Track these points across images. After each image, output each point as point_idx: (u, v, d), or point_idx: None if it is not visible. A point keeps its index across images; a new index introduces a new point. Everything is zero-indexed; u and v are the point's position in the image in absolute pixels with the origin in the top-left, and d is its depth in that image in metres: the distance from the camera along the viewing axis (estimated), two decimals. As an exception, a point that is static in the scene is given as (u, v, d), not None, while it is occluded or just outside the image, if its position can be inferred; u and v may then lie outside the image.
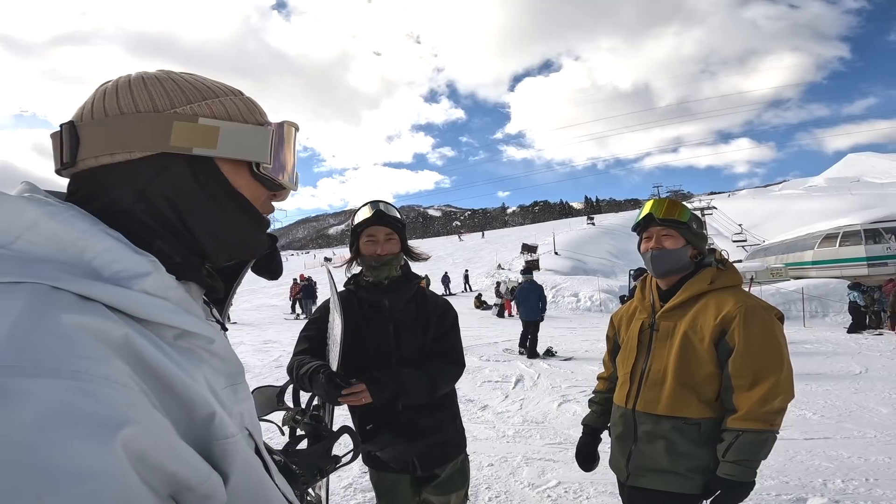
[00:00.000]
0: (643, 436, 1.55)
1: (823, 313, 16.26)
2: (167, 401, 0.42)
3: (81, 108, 0.55)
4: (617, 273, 28.78)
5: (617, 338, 1.79)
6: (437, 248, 57.14)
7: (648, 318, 1.63)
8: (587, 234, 48.07)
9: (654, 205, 1.61)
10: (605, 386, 1.87)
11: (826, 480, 3.14)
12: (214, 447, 0.44)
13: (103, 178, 0.53)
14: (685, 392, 1.49)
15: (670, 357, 1.52)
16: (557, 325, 12.91)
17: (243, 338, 10.66)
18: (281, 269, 0.91)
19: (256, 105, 0.61)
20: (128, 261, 0.46)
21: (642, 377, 1.58)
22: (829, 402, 4.98)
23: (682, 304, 1.55)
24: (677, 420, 1.49)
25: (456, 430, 1.79)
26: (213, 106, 0.56)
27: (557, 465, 3.51)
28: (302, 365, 1.59)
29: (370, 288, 1.73)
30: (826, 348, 8.56)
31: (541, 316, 8.91)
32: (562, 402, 5.32)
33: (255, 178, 0.59)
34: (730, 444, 1.40)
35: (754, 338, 1.42)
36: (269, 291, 27.97)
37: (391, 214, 1.70)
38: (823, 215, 31.01)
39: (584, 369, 7.11)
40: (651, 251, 1.59)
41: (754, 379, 1.41)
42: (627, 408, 1.61)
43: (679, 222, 1.57)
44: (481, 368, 7.24)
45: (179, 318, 0.48)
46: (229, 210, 0.57)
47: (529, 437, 4.22)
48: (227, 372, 0.54)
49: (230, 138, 0.56)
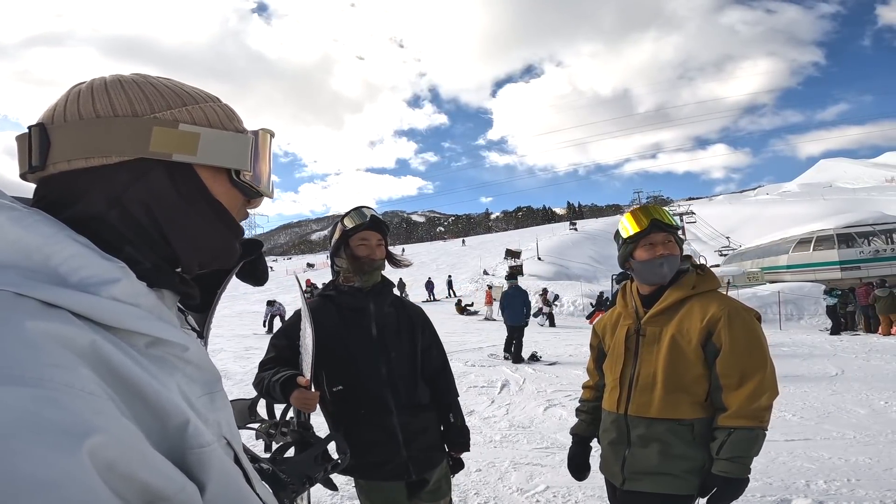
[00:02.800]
0: (637, 440, 1.56)
1: (799, 316, 16.67)
2: (138, 409, 0.41)
3: (52, 109, 0.53)
4: (599, 278, 29.12)
5: (602, 345, 1.80)
6: (421, 253, 57.10)
7: (634, 324, 1.65)
8: (570, 239, 48.60)
9: (654, 211, 1.62)
10: (591, 395, 1.87)
11: (809, 481, 3.18)
12: (189, 456, 0.43)
13: (76, 183, 0.51)
14: (676, 394, 1.51)
15: (659, 361, 1.54)
16: (541, 330, 12.98)
17: (224, 344, 10.45)
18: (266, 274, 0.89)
19: (234, 112, 0.61)
20: (95, 267, 0.45)
21: (632, 382, 1.60)
22: (807, 403, 5.07)
23: (667, 309, 1.58)
24: (671, 422, 1.51)
25: (439, 435, 1.80)
26: (194, 112, 0.56)
27: (545, 470, 3.49)
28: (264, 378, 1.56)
29: (353, 293, 1.71)
30: (802, 350, 8.74)
31: (525, 321, 8.93)
32: (548, 406, 5.32)
33: (234, 186, 0.59)
34: (723, 441, 1.43)
35: (739, 338, 1.46)
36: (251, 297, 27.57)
37: (383, 221, 1.73)
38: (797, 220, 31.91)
39: (568, 373, 7.13)
40: (664, 257, 1.58)
41: (741, 377, 1.45)
42: (619, 413, 1.62)
43: (676, 227, 1.64)
44: (467, 374, 7.21)
45: (151, 325, 0.47)
46: (207, 217, 0.57)
47: (516, 441, 4.20)
48: (204, 380, 0.53)
49: (210, 145, 0.55)
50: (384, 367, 1.66)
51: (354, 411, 1.66)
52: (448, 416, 1.81)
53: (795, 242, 23.43)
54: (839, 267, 20.60)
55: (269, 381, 1.52)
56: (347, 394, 1.67)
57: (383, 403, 1.65)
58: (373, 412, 1.65)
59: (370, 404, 1.65)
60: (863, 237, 21.08)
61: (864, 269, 19.51)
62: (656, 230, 1.60)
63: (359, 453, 1.67)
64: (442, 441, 1.79)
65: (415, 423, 1.68)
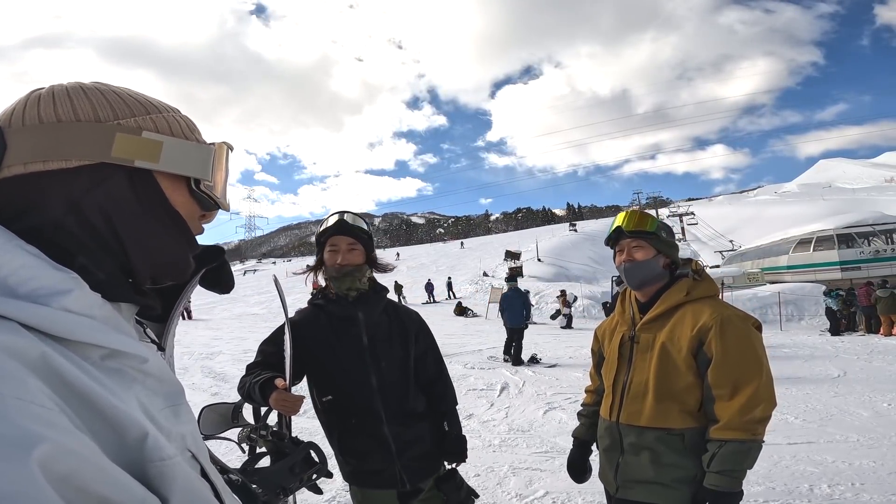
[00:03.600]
0: (629, 448, 1.54)
1: (799, 317, 16.64)
2: (93, 422, 0.40)
3: (9, 113, 0.52)
4: (599, 279, 29.10)
5: (602, 351, 1.78)
6: (421, 255, 57.12)
7: (629, 331, 1.62)
8: (569, 240, 48.65)
9: (622, 218, 1.62)
10: (592, 399, 1.85)
11: (812, 486, 3.14)
12: (150, 469, 0.42)
13: (31, 187, 0.50)
14: (666, 403, 1.48)
15: (650, 369, 1.52)
16: (541, 332, 12.94)
17: (223, 347, 10.41)
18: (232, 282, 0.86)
19: (194, 124, 0.62)
20: (46, 278, 0.44)
21: (624, 389, 1.58)
22: (809, 406, 5.02)
23: (660, 316, 1.55)
24: (660, 431, 1.48)
25: (434, 444, 1.75)
26: (157, 120, 0.56)
27: (545, 475, 3.45)
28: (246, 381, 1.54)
29: (341, 301, 1.67)
30: (804, 352, 8.70)
31: (525, 323, 8.88)
32: (547, 409, 5.28)
33: (192, 196, 0.58)
34: (713, 454, 1.39)
35: (731, 348, 1.42)
36: (251, 300, 27.53)
37: (354, 224, 1.65)
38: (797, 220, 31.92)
39: (568, 375, 7.09)
40: (624, 264, 1.60)
41: (734, 388, 1.40)
42: (612, 420, 1.60)
43: (646, 233, 1.57)
44: (466, 376, 7.17)
45: (106, 336, 0.46)
46: (165, 226, 0.56)
47: (516, 445, 4.15)
48: (166, 392, 0.52)
49: (172, 153, 0.55)
50: (374, 377, 1.63)
51: (345, 421, 1.63)
52: (443, 425, 1.77)
53: (795, 243, 23.43)
54: (839, 267, 20.59)
55: (249, 384, 1.50)
56: (337, 403, 1.64)
57: (374, 413, 1.62)
58: (363, 422, 1.62)
59: (360, 414, 1.62)
60: (863, 237, 21.07)
61: (864, 270, 19.50)
62: (623, 236, 1.60)
63: (353, 461, 1.65)
64: (436, 450, 1.75)
65: (407, 432, 1.65)
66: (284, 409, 1.41)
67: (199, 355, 9.52)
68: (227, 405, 1.45)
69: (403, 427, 1.64)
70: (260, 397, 1.44)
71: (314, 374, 1.66)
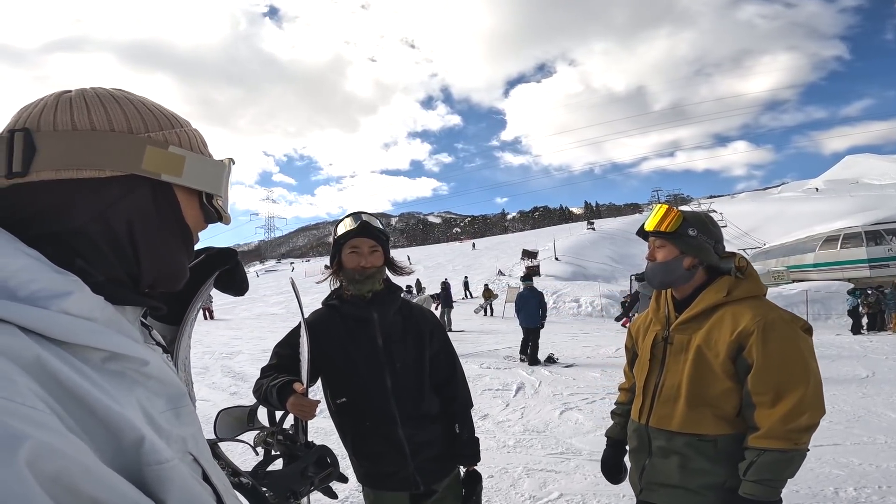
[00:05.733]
0: (657, 451, 1.50)
1: (826, 316, 16.19)
2: (88, 424, 0.40)
3: (36, 115, 0.52)
4: (618, 278, 28.72)
5: (636, 349, 1.73)
6: (437, 254, 57.17)
7: (662, 331, 1.56)
8: (587, 239, 48.11)
9: (651, 215, 1.57)
10: (626, 397, 1.79)
11: (838, 489, 3.06)
12: (147, 473, 0.43)
13: (60, 193, 0.51)
14: (699, 408, 1.42)
15: (684, 372, 1.45)
16: (558, 332, 12.83)
17: (242, 346, 10.57)
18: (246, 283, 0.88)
19: (204, 139, 0.64)
20: (46, 280, 0.45)
21: (655, 392, 1.52)
22: (836, 406, 4.88)
23: (697, 317, 1.47)
24: (691, 437, 1.43)
25: (448, 446, 1.74)
26: (180, 135, 0.58)
27: (559, 477, 3.42)
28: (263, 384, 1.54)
29: (355, 302, 1.66)
30: (831, 352, 8.46)
31: (541, 323, 8.82)
32: (564, 409, 5.23)
33: (201, 209, 0.61)
34: (751, 462, 1.32)
35: (774, 353, 1.33)
36: (270, 300, 27.92)
37: (375, 226, 1.64)
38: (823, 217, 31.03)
39: (585, 375, 7.01)
40: (647, 263, 1.56)
41: (776, 395, 1.32)
42: (641, 423, 1.56)
43: (666, 233, 1.50)
44: (482, 376, 7.15)
45: (106, 339, 0.46)
46: (176, 238, 0.58)
47: (530, 447, 4.12)
48: (168, 394, 0.53)
49: (193, 168, 0.57)
50: (389, 379, 1.62)
51: (359, 423, 1.63)
52: (454, 427, 1.75)
53: (822, 240, 22.80)
54: (868, 265, 19.96)
55: (266, 387, 1.50)
56: (352, 406, 1.63)
57: (388, 415, 1.61)
58: (378, 424, 1.61)
59: (375, 416, 1.61)
60: (892, 234, 20.37)
61: (892, 267, 18.88)
62: (650, 236, 1.56)
63: (366, 463, 1.65)
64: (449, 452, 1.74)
65: (421, 434, 1.64)
66: (302, 413, 1.41)
67: (220, 355, 9.68)
68: (242, 408, 1.46)
69: (418, 429, 1.63)
70: (277, 401, 1.44)
71: (328, 376, 1.66)
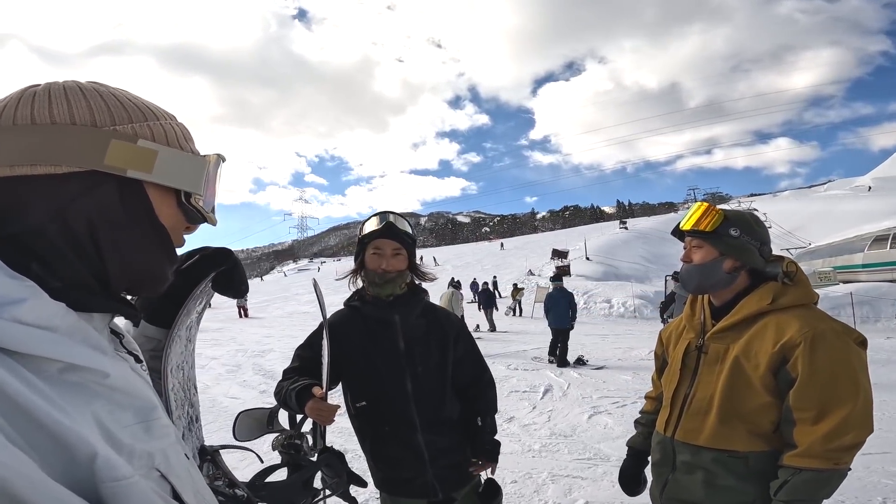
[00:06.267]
0: (681, 465, 1.41)
1: (875, 318, 15.28)
2: (36, 438, 0.39)
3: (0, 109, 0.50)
4: (651, 278, 27.96)
5: (666, 356, 1.63)
6: (467, 254, 57.09)
7: (696, 339, 1.46)
8: (619, 238, 47.09)
9: (689, 212, 1.46)
10: (652, 406, 1.70)
11: (886, 499, 2.91)
12: (102, 490, 0.41)
13: (14, 190, 0.48)
14: (732, 423, 1.32)
15: (718, 384, 1.35)
16: (589, 333, 12.58)
17: (274, 345, 10.78)
18: (244, 285, 0.84)
19: (190, 133, 0.60)
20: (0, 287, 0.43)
21: (684, 404, 1.43)
22: (885, 413, 4.60)
23: (736, 326, 1.36)
24: (720, 453, 1.33)
25: (468, 453, 1.70)
26: (154, 128, 0.54)
27: (585, 483, 3.32)
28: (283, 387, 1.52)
29: (377, 304, 1.62)
30: (880, 356, 7.97)
31: (570, 324, 8.65)
32: (592, 413, 5.10)
33: (180, 208, 0.57)
34: (785, 481, 1.22)
35: (821, 367, 1.21)
36: (302, 298, 28.44)
37: (401, 228, 1.59)
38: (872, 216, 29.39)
39: (616, 378, 6.84)
40: (682, 265, 1.47)
41: (819, 412, 1.21)
42: (666, 435, 1.47)
43: (705, 233, 1.39)
44: (509, 378, 7.06)
45: (62, 350, 0.44)
46: (148, 239, 0.55)
47: (557, 451, 4.03)
48: (136, 407, 0.51)
49: (166, 164, 0.54)
50: (410, 383, 1.58)
51: (378, 427, 1.60)
52: (476, 421, 1.70)
53: (871, 240, 21.54)
54: (922, 266, 18.75)
55: (286, 391, 1.49)
56: (371, 410, 1.60)
57: (408, 420, 1.57)
58: (397, 429, 1.58)
59: (394, 421, 1.58)
60: (948, 233, 19.10)
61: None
62: (687, 235, 1.46)
63: (384, 468, 1.62)
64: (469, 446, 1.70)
65: (441, 440, 1.60)
66: (320, 418, 1.39)
67: (252, 353, 9.91)
68: (263, 410, 1.46)
69: (438, 435, 1.59)
70: (296, 405, 1.43)
71: (349, 379, 1.63)
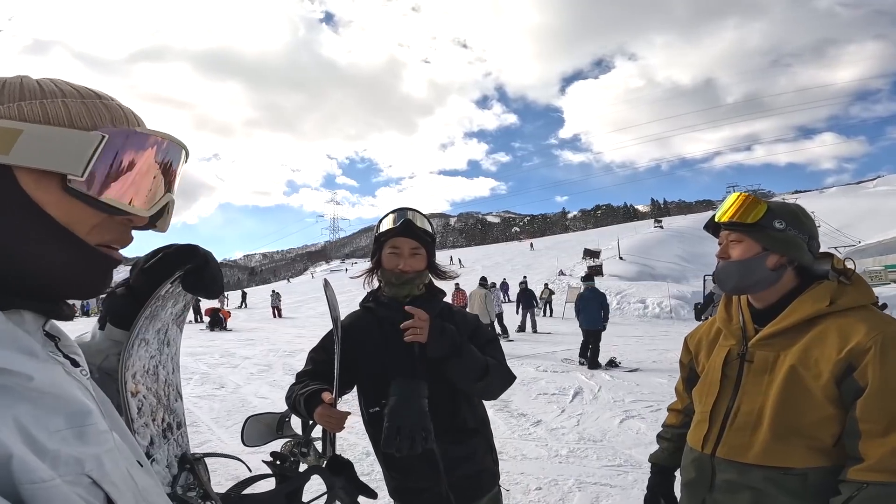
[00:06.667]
0: (722, 485, 1.26)
1: (936, 321, 14.33)
2: None
3: None
4: (689, 278, 27.13)
5: (694, 365, 1.47)
6: (495, 254, 56.84)
7: (738, 346, 1.30)
8: (654, 237, 45.96)
9: (726, 203, 1.31)
10: (678, 420, 1.55)
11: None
12: (22, 491, 0.41)
13: None
14: (788, 438, 1.17)
15: (769, 396, 1.20)
16: (622, 334, 12.25)
17: (305, 345, 10.94)
18: (215, 284, 0.78)
19: (116, 111, 0.53)
20: None
21: (727, 418, 1.28)
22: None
23: (788, 331, 1.21)
24: (774, 470, 1.18)
25: (492, 458, 1.60)
26: (28, 107, 0.49)
27: (614, 492, 3.16)
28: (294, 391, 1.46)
29: (392, 305, 1.54)
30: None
31: (602, 325, 8.41)
32: (624, 417, 4.91)
33: (72, 196, 0.49)
34: (849, 497, 1.08)
35: (894, 374, 1.08)
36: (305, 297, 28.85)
37: (420, 226, 1.51)
38: (929, 211, 27.64)
39: (651, 381, 6.59)
40: (718, 262, 1.31)
41: (891, 423, 1.08)
42: (704, 452, 1.31)
43: (746, 224, 1.24)
44: (537, 379, 6.90)
45: None
46: (22, 230, 0.48)
47: (585, 457, 3.88)
48: (68, 412, 0.48)
49: (33, 144, 0.47)
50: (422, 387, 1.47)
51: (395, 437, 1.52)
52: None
53: (928, 236, 20.27)
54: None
55: (295, 395, 1.43)
56: (383, 415, 1.53)
57: None
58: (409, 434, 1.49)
59: None
60: None
61: None
62: (724, 228, 1.30)
63: (397, 476, 1.55)
64: (493, 466, 1.60)
65: (457, 448, 1.50)
66: (329, 425, 1.34)
67: (283, 353, 10.09)
68: (273, 415, 1.41)
69: (453, 443, 1.50)
70: (305, 410, 1.38)
71: (362, 383, 1.57)
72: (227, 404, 5.90)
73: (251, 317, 22.35)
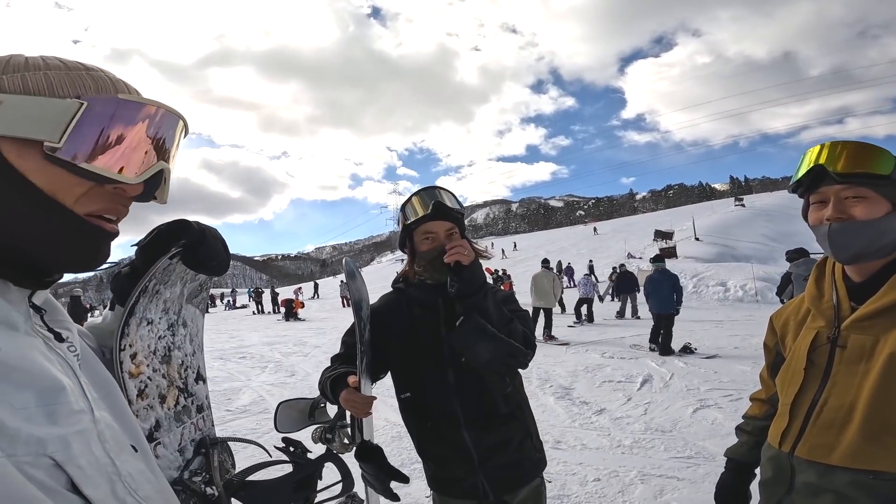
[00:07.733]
0: (802, 487, 1.10)
1: None
2: None
3: None
4: (777, 258, 24.96)
5: (780, 349, 1.29)
6: (560, 238, 55.53)
7: (828, 329, 1.10)
8: (735, 216, 42.82)
9: (825, 152, 1.04)
10: (761, 410, 1.37)
11: None
12: None
13: None
14: (883, 438, 0.99)
15: (864, 388, 1.02)
16: (700, 319, 11.51)
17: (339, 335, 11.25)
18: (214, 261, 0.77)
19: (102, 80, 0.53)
20: None
21: (811, 412, 1.10)
22: None
23: (888, 310, 1.01)
24: (862, 473, 1.01)
25: (532, 446, 1.51)
26: (10, 80, 0.49)
27: (681, 485, 2.95)
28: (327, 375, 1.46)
29: (422, 286, 1.50)
30: None
31: (675, 309, 7.90)
32: (699, 407, 4.59)
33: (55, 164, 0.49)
34: None
35: None
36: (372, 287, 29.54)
37: (451, 206, 1.44)
38: None
39: (731, 369, 6.12)
40: (829, 224, 1.03)
41: None
42: (782, 450, 1.15)
43: (875, 176, 0.99)
44: (602, 366, 6.63)
45: None
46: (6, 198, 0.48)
47: (651, 448, 3.66)
48: (39, 389, 0.47)
49: (11, 113, 0.48)
50: (452, 372, 1.43)
51: (422, 422, 1.49)
52: None
53: None
54: None
55: (323, 379, 1.44)
56: (414, 402, 1.50)
57: (451, 415, 1.43)
58: (439, 424, 1.45)
59: (436, 415, 1.46)
60: None
61: None
62: (828, 180, 1.03)
63: (432, 465, 1.52)
64: (534, 455, 1.51)
65: (490, 437, 1.44)
66: (353, 409, 1.33)
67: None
68: (305, 401, 1.42)
69: (486, 431, 1.44)
70: (331, 395, 1.38)
71: (394, 368, 1.55)
72: (296, 392, 6.20)
73: (322, 307, 23.40)
